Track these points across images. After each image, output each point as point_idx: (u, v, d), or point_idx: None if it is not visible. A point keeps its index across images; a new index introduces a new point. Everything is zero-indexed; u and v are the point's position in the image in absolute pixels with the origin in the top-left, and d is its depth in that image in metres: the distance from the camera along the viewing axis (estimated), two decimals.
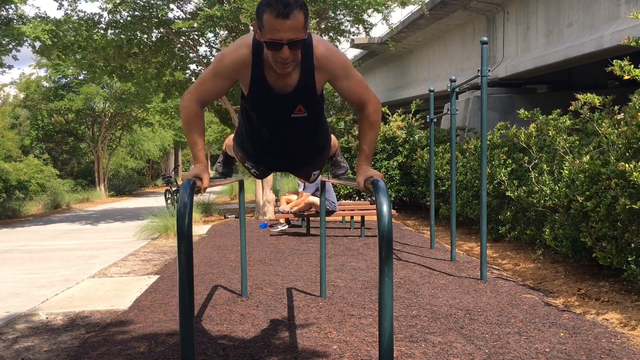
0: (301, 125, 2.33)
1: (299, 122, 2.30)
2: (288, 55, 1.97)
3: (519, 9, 14.22)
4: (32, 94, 22.73)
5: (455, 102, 6.37)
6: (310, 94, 2.22)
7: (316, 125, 2.41)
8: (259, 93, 2.19)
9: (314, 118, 2.34)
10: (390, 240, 1.77)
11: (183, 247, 1.77)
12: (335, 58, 2.17)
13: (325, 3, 10.15)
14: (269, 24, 1.91)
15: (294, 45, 1.96)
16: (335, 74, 2.19)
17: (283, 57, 1.97)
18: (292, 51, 1.98)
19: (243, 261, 4.72)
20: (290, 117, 2.27)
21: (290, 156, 2.56)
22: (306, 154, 2.58)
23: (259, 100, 2.22)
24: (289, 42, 1.94)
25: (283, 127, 2.32)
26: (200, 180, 2.06)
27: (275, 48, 1.96)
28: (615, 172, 4.31)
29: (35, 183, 18.18)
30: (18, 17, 12.20)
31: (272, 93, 2.18)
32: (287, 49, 1.96)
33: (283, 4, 1.89)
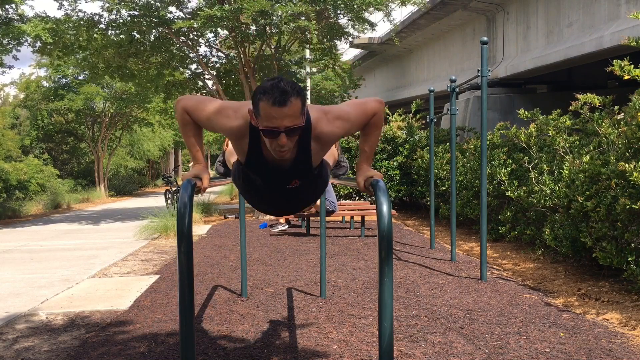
0: (296, 191, 2.33)
1: (294, 189, 2.31)
2: (285, 142, 1.95)
3: (519, 9, 14.22)
4: (32, 94, 22.73)
5: (455, 102, 6.37)
6: (306, 169, 2.21)
7: (312, 187, 2.41)
8: (256, 164, 2.19)
9: (309, 185, 2.34)
10: (390, 240, 1.77)
11: (183, 247, 1.77)
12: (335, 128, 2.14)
13: (326, 3, 10.15)
14: (265, 112, 1.89)
15: (291, 132, 1.94)
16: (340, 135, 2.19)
17: (280, 145, 1.95)
18: (289, 138, 1.95)
19: (243, 261, 4.72)
20: (285, 187, 2.28)
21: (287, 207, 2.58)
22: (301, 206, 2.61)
23: (256, 169, 2.22)
24: (286, 129, 1.91)
25: (278, 192, 2.33)
26: (200, 180, 2.06)
27: (272, 136, 1.93)
28: (615, 172, 4.31)
29: (35, 183, 18.18)
30: (18, 17, 12.20)
31: (268, 167, 2.18)
32: (285, 137, 1.93)
33: (279, 92, 1.86)
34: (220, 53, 13.07)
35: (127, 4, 10.73)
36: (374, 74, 26.32)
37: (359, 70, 26.11)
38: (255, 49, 12.19)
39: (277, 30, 10.65)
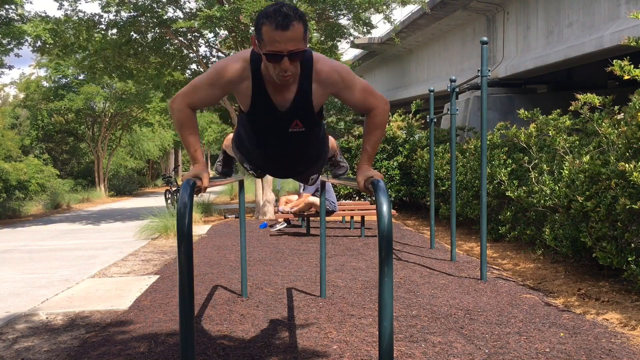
0: (298, 139, 2.35)
1: (296, 136, 2.32)
2: (288, 66, 1.97)
3: (519, 9, 14.22)
4: (32, 94, 22.72)
5: (455, 102, 6.37)
6: (307, 110, 2.23)
7: (313, 138, 2.43)
8: (259, 108, 2.20)
9: (311, 132, 2.36)
10: (390, 240, 1.77)
11: (183, 247, 1.77)
12: (335, 72, 2.17)
13: (325, 3, 10.15)
14: (268, 36, 1.91)
15: (294, 56, 1.96)
16: (337, 87, 2.19)
17: (283, 69, 1.97)
18: (292, 62, 1.98)
19: (243, 261, 4.72)
20: (287, 131, 2.29)
21: (287, 165, 2.58)
22: (303, 163, 2.60)
23: (258, 115, 2.24)
24: (289, 53, 1.94)
25: (280, 139, 2.35)
26: (200, 180, 2.06)
27: (275, 60, 1.96)
28: (615, 172, 4.31)
29: (35, 183, 18.17)
30: (18, 17, 12.20)
31: (272, 108, 2.20)
32: (288, 61, 1.96)
33: (282, 16, 1.88)
34: (220, 53, 13.07)
35: (126, 5, 10.74)
36: (374, 74, 26.32)
37: (359, 70, 26.12)
38: None
39: None
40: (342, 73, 2.19)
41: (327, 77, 2.16)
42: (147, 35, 11.65)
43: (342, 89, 2.20)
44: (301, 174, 2.81)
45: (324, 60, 2.17)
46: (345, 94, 2.21)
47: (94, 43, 11.60)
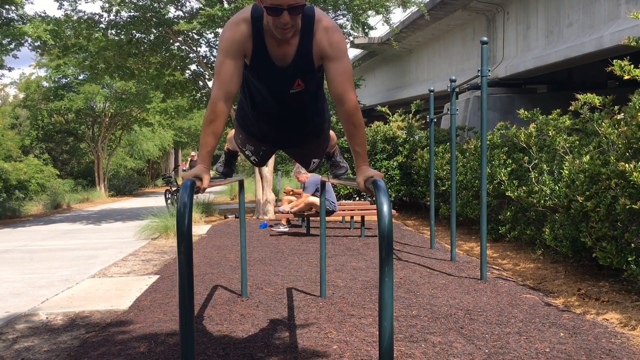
0: (300, 99, 2.37)
1: (298, 96, 2.35)
2: (288, 20, 2.02)
3: (519, 9, 14.22)
4: (32, 94, 22.72)
5: (455, 102, 6.37)
6: (308, 67, 2.25)
7: (314, 98, 2.46)
8: (260, 63, 2.23)
9: (312, 91, 2.39)
10: (390, 240, 1.77)
11: (183, 247, 1.77)
12: (335, 34, 2.19)
13: (326, 3, 10.16)
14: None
15: (293, 10, 2.01)
16: (330, 51, 2.19)
17: (283, 22, 2.02)
18: (292, 17, 2.03)
19: (243, 261, 4.72)
20: (289, 92, 2.32)
21: (290, 130, 2.58)
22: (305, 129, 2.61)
23: (260, 72, 2.26)
24: (289, 7, 1.99)
25: (282, 101, 2.37)
26: (200, 180, 2.06)
27: (275, 13, 2.01)
28: (615, 172, 4.31)
29: (35, 183, 18.18)
30: (19, 17, 12.20)
31: (272, 65, 2.23)
32: (287, 14, 2.01)
33: None
34: None
35: (127, 5, 10.74)
36: (374, 74, 26.32)
37: (359, 70, 26.13)
38: None
39: None
40: (341, 39, 2.21)
41: (327, 35, 2.17)
42: (148, 35, 11.65)
43: (334, 56, 2.19)
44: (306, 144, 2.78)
45: (326, 19, 2.20)
46: (333, 62, 2.20)
47: (94, 43, 11.60)
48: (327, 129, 2.78)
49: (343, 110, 2.22)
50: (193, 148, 35.51)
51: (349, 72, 2.22)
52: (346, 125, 2.25)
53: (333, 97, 2.23)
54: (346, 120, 2.23)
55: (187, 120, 28.73)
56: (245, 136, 2.74)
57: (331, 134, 2.92)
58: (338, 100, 2.21)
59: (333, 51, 2.19)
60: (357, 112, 2.23)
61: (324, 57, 2.21)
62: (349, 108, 2.21)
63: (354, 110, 2.22)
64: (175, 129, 31.58)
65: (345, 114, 2.22)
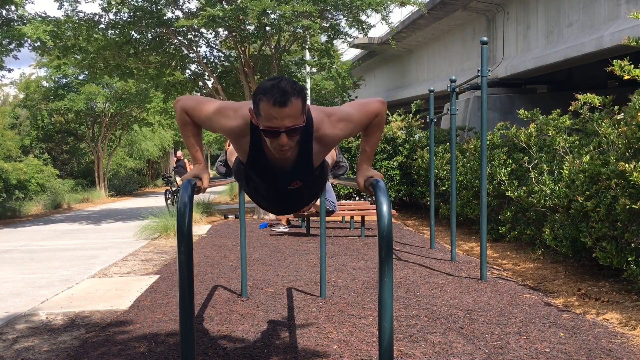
0: (297, 191, 2.34)
1: (295, 190, 2.32)
2: (286, 142, 1.95)
3: (519, 9, 14.22)
4: (32, 94, 22.72)
5: (455, 102, 6.37)
6: (307, 170, 2.22)
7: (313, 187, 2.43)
8: (258, 165, 2.19)
9: (310, 185, 2.36)
10: (390, 240, 1.77)
11: (183, 247, 1.77)
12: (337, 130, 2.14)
13: (326, 3, 10.16)
14: (266, 112, 1.89)
15: (291, 132, 1.94)
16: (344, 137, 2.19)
17: (281, 145, 1.96)
18: (289, 138, 1.96)
19: (243, 261, 4.72)
20: (287, 188, 2.29)
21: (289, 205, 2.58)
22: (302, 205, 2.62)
23: (256, 170, 2.23)
24: (287, 129, 1.92)
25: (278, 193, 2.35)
26: (200, 180, 2.06)
27: (272, 136, 1.94)
28: (615, 172, 4.31)
29: (35, 183, 18.16)
30: (19, 18, 12.20)
31: (270, 167, 2.18)
32: (285, 137, 1.94)
33: (280, 92, 1.86)
34: (221, 53, 13.08)
35: (127, 5, 10.74)
36: (374, 74, 26.32)
37: (359, 70, 26.11)
38: (255, 49, 12.19)
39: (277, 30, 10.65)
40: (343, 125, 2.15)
41: (331, 139, 2.15)
42: (147, 35, 11.65)
43: (350, 133, 2.19)
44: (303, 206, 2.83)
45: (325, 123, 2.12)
46: (354, 132, 2.21)
47: (94, 43, 11.60)
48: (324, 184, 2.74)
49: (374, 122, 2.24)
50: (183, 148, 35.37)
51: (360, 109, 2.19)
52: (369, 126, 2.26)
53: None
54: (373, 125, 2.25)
55: None
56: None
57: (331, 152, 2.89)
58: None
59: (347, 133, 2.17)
60: (382, 115, 2.26)
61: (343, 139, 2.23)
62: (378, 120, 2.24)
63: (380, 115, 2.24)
64: (176, 129, 31.56)
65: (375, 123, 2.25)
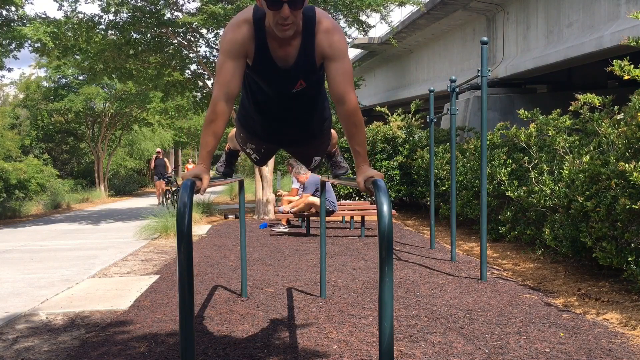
0: (301, 98, 2.38)
1: (300, 95, 2.36)
2: (288, 14, 2.01)
3: (519, 9, 14.22)
4: (32, 94, 22.72)
5: (455, 102, 6.37)
6: (310, 67, 2.25)
7: (316, 97, 2.48)
8: (262, 64, 2.23)
9: (313, 90, 2.40)
10: (390, 240, 1.77)
11: (183, 247, 1.77)
12: (336, 35, 2.20)
13: (326, 3, 10.16)
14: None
15: (293, 4, 2.01)
16: (331, 52, 2.20)
17: (283, 17, 2.02)
18: (292, 11, 2.02)
19: (243, 261, 4.72)
20: (291, 91, 2.33)
21: (292, 129, 2.59)
22: (307, 127, 2.62)
23: (262, 72, 2.27)
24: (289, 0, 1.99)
25: (284, 100, 2.38)
26: (200, 180, 2.06)
27: (275, 7, 2.01)
28: (615, 172, 4.31)
29: (35, 183, 18.16)
30: (19, 18, 12.20)
31: (274, 65, 2.23)
32: (287, 8, 2.00)
33: None
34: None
35: (126, 5, 10.73)
36: (374, 74, 26.32)
37: (359, 70, 26.13)
38: None
39: None
40: (343, 39, 2.21)
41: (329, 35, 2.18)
42: (146, 35, 11.64)
43: (335, 56, 2.20)
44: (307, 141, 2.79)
45: (328, 19, 2.20)
46: (335, 63, 2.21)
47: (93, 45, 11.59)
48: (328, 127, 2.80)
49: (343, 110, 2.23)
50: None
51: (349, 72, 2.23)
52: (346, 125, 2.26)
53: (333, 97, 2.25)
54: (346, 120, 2.25)
55: (187, 120, 28.72)
56: (247, 135, 2.74)
57: (332, 132, 2.94)
58: (338, 100, 2.23)
59: (334, 52, 2.20)
60: (357, 112, 2.25)
61: (325, 57, 2.23)
62: (349, 108, 2.22)
63: (354, 110, 2.23)
64: (175, 129, 31.58)
65: (346, 114, 2.23)
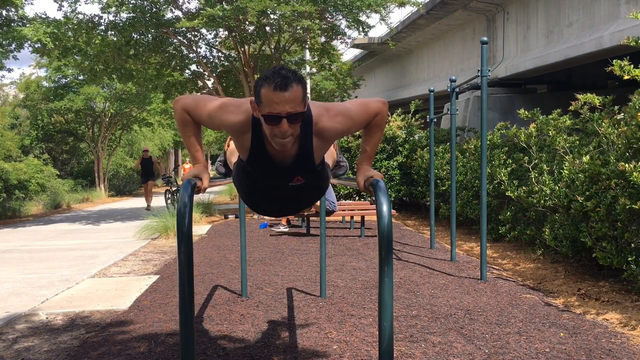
0: (299, 189, 2.32)
1: (297, 187, 2.30)
2: (287, 129, 1.94)
3: (519, 9, 14.22)
4: (32, 94, 22.72)
5: (455, 102, 6.37)
6: (308, 165, 2.20)
7: (315, 185, 2.42)
8: (258, 160, 2.18)
9: (312, 182, 2.34)
10: (390, 240, 1.77)
11: (183, 247, 1.78)
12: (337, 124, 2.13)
13: (326, 3, 10.16)
14: (267, 97, 1.89)
15: (292, 118, 1.93)
16: (343, 133, 2.19)
17: (282, 131, 1.94)
18: (291, 125, 1.94)
19: (243, 261, 4.72)
20: (288, 185, 2.27)
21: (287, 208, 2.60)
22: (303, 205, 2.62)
23: (258, 166, 2.21)
24: (288, 115, 1.91)
25: (280, 191, 2.33)
26: (200, 180, 2.06)
27: (273, 122, 1.93)
28: (615, 172, 4.31)
29: (35, 183, 18.16)
30: (19, 18, 12.20)
31: (271, 163, 2.17)
32: (286, 123, 1.92)
33: (281, 77, 1.87)
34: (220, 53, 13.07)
35: (126, 5, 10.74)
36: (374, 74, 26.33)
37: (359, 70, 26.12)
38: (255, 49, 12.19)
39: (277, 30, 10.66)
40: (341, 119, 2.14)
41: (330, 132, 2.14)
42: (147, 35, 11.65)
43: (348, 129, 2.18)
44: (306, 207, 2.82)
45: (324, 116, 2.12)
46: (353, 129, 2.20)
47: (93, 46, 11.60)
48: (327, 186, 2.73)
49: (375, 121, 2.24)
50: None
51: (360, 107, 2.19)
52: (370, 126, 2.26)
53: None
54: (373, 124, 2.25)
55: None
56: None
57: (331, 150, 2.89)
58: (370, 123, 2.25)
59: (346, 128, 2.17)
60: (383, 116, 2.25)
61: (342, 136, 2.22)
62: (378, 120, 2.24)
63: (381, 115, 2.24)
64: (175, 129, 31.55)
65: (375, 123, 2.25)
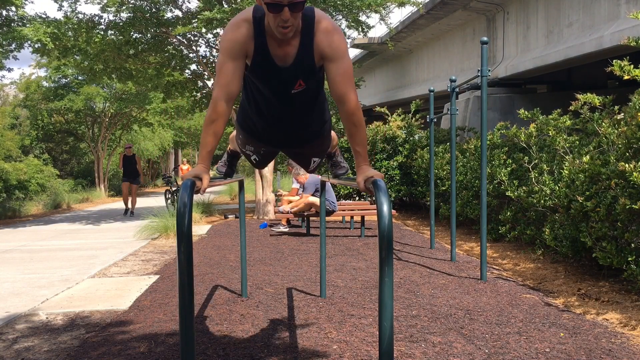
0: (301, 99, 2.39)
1: (299, 96, 2.36)
2: (288, 17, 2.02)
3: (519, 9, 14.22)
4: (32, 94, 22.72)
5: (455, 102, 6.37)
6: (309, 67, 2.26)
7: (315, 98, 2.48)
8: (262, 64, 2.24)
9: (313, 91, 2.40)
10: (390, 240, 1.77)
11: (183, 247, 1.77)
12: (335, 35, 2.20)
13: (326, 3, 10.16)
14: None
15: (294, 7, 2.01)
16: (330, 52, 2.21)
17: (284, 20, 2.02)
18: (292, 14, 2.02)
19: (243, 261, 4.72)
20: (290, 92, 2.33)
21: (292, 131, 2.60)
22: (307, 128, 2.62)
23: (261, 72, 2.27)
24: (290, 3, 1.99)
25: (284, 101, 2.39)
26: (200, 180, 2.06)
27: (275, 10, 2.01)
28: (615, 172, 4.31)
29: (35, 183, 18.17)
30: (19, 18, 12.20)
31: (274, 65, 2.23)
32: (288, 11, 2.00)
33: None
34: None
35: (126, 5, 10.73)
36: (374, 74, 26.32)
37: (359, 71, 26.12)
38: None
39: None
40: (342, 39, 2.22)
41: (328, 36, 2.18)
42: (146, 35, 11.64)
43: (335, 56, 2.21)
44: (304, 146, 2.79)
45: (327, 20, 2.21)
46: (335, 63, 2.21)
47: (93, 46, 11.59)
48: (328, 129, 2.80)
49: (344, 110, 2.25)
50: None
51: (350, 72, 2.24)
52: (347, 125, 2.27)
53: (334, 97, 2.25)
54: (347, 119, 2.26)
55: (187, 120, 28.72)
56: (246, 136, 2.75)
57: (332, 134, 2.94)
58: (339, 100, 2.24)
59: (333, 52, 2.21)
60: (358, 112, 2.26)
61: (325, 57, 2.23)
62: (350, 108, 2.23)
63: (355, 110, 2.24)
64: (175, 129, 31.58)
65: (346, 114, 2.25)
